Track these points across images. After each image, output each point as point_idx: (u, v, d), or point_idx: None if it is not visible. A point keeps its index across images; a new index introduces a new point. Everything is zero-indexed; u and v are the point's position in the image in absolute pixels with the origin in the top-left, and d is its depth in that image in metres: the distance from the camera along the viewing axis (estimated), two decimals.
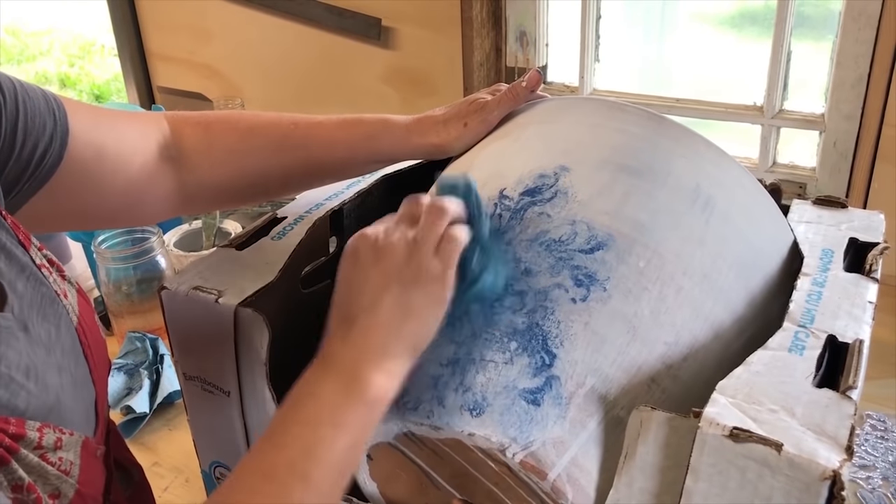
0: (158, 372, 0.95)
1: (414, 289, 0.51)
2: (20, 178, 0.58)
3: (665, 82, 1.45)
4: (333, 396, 0.49)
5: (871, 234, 0.69)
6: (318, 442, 0.47)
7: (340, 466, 0.48)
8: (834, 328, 0.56)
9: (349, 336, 0.51)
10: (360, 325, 0.51)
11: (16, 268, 0.52)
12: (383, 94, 1.51)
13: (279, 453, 0.47)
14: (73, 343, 0.54)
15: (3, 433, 0.44)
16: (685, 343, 0.56)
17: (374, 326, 0.51)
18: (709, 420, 0.47)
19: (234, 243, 0.70)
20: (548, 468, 0.52)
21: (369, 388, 0.49)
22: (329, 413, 0.48)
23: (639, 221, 0.59)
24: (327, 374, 0.50)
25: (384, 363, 0.50)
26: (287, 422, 0.49)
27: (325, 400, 0.49)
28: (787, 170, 1.27)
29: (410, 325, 0.51)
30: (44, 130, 0.58)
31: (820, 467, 0.44)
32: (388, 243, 0.52)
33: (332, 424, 0.48)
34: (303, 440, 0.47)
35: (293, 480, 0.46)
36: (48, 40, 4.56)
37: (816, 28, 1.24)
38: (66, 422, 0.49)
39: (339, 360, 0.50)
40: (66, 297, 0.56)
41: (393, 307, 0.51)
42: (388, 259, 0.52)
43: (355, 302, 0.52)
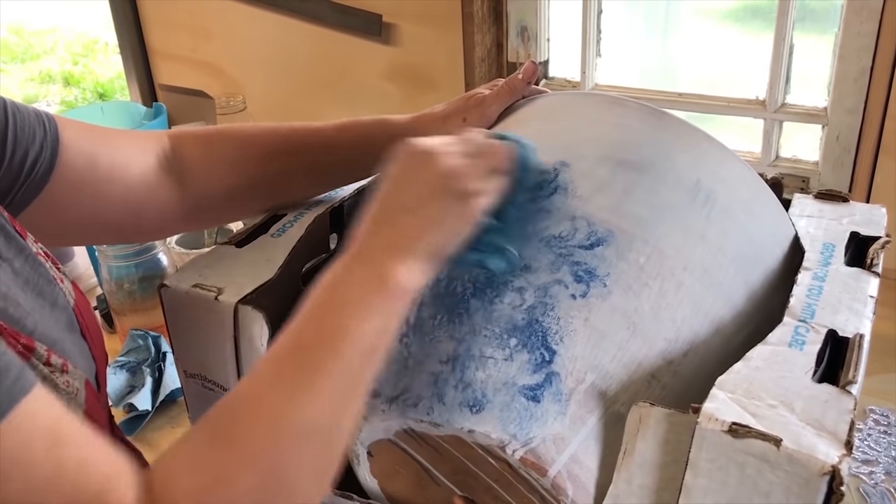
0: (161, 370, 0.95)
1: (453, 200, 0.53)
2: (13, 186, 0.59)
3: (668, 77, 1.45)
4: (362, 284, 0.51)
5: (872, 228, 0.68)
6: (348, 323, 0.49)
7: (370, 347, 0.50)
8: (834, 323, 0.56)
9: (381, 232, 0.53)
10: (392, 222, 0.53)
11: (14, 248, 0.54)
12: (385, 91, 1.51)
13: (312, 332, 0.49)
14: (70, 321, 0.56)
15: (15, 339, 0.46)
16: (685, 339, 0.56)
17: (407, 226, 0.52)
18: (707, 415, 0.47)
19: (234, 240, 0.71)
20: (548, 465, 0.52)
21: (392, 279, 0.51)
22: (358, 297, 0.50)
23: (639, 217, 0.59)
24: (358, 265, 0.52)
25: (409, 260, 0.52)
26: (317, 305, 0.51)
27: (354, 286, 0.51)
28: (790, 164, 1.26)
29: (441, 235, 0.53)
30: (34, 139, 0.60)
31: (819, 462, 0.44)
32: (439, 154, 0.53)
33: (363, 308, 0.50)
34: (333, 321, 0.49)
35: (325, 354, 0.48)
36: (52, 39, 4.57)
37: (819, 21, 1.24)
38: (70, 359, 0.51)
39: (369, 251, 0.52)
40: (62, 283, 0.57)
41: (428, 211, 0.52)
42: (436, 169, 0.53)
43: (394, 202, 0.53)
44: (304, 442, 0.46)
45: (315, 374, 0.47)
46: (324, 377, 0.47)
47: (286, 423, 0.46)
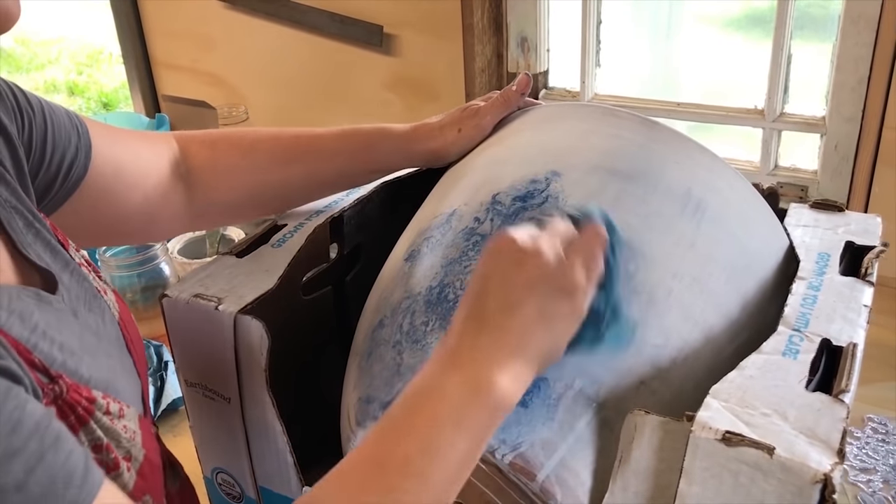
0: (163, 379, 0.96)
1: (559, 298, 0.49)
2: (49, 189, 0.60)
3: (668, 86, 1.45)
4: (459, 395, 0.46)
5: (867, 237, 0.69)
6: (438, 441, 0.45)
7: (458, 468, 0.46)
8: (829, 332, 0.56)
9: (481, 335, 0.48)
10: (495, 324, 0.48)
11: (60, 262, 0.54)
12: (386, 101, 1.52)
13: (396, 446, 0.45)
14: (118, 335, 0.56)
15: (78, 394, 0.45)
16: (674, 346, 0.57)
17: (510, 328, 0.48)
18: (701, 424, 0.47)
19: (235, 251, 0.71)
20: (536, 469, 0.53)
21: (496, 390, 0.46)
22: (453, 412, 0.46)
23: (629, 225, 0.59)
24: (454, 371, 0.47)
25: (514, 367, 0.48)
26: (407, 415, 0.46)
27: (450, 398, 0.46)
28: (789, 173, 1.27)
29: (548, 333, 0.49)
30: (69, 143, 0.61)
31: (811, 471, 0.45)
32: (537, 248, 0.49)
33: (455, 424, 0.45)
34: (423, 437, 0.45)
35: (409, 476, 0.44)
36: (57, 49, 4.60)
37: (817, 31, 1.24)
38: (123, 399, 0.51)
39: (469, 359, 0.47)
40: (106, 294, 0.58)
41: (534, 312, 0.48)
42: (536, 263, 0.49)
43: (493, 300, 0.49)
44: None
45: (395, 497, 0.43)
46: (406, 499, 0.44)
47: None
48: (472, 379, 0.47)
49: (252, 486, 0.70)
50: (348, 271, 0.82)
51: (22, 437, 0.37)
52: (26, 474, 0.36)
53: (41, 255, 0.52)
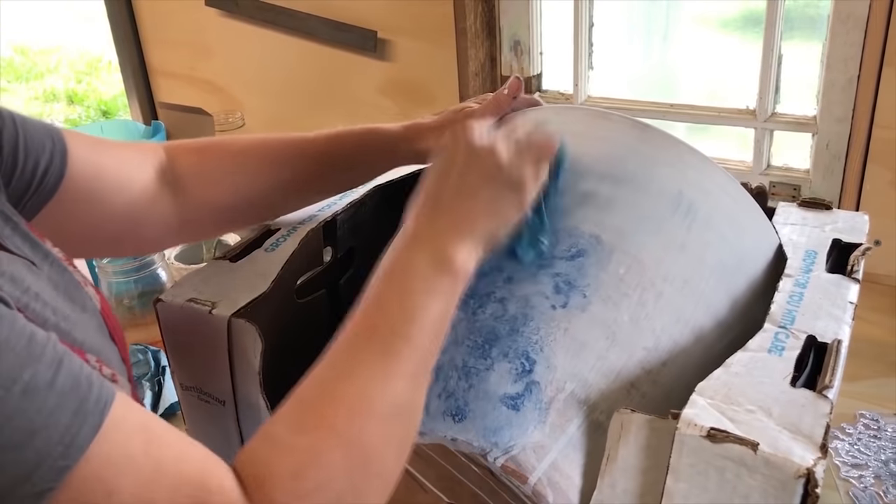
0: (160, 383, 0.97)
1: (507, 190, 0.56)
2: (25, 193, 0.61)
3: (660, 88, 1.46)
4: (424, 268, 0.52)
5: (854, 235, 0.70)
6: (414, 307, 0.51)
7: (435, 330, 0.52)
8: (814, 329, 0.57)
9: (439, 216, 0.55)
10: (451, 208, 0.55)
11: (40, 254, 0.55)
12: (381, 106, 1.52)
13: (379, 317, 0.51)
14: (100, 325, 0.57)
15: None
16: (665, 348, 0.57)
17: (463, 211, 0.55)
18: (687, 421, 0.48)
19: (229, 255, 0.72)
20: (528, 472, 0.54)
21: (455, 261, 0.53)
22: (423, 282, 0.52)
23: (620, 229, 0.60)
24: (418, 249, 0.54)
25: (467, 244, 0.54)
26: (382, 291, 0.52)
27: (417, 271, 0.52)
28: (782, 172, 1.27)
29: (495, 220, 0.56)
30: (43, 149, 0.62)
31: (794, 465, 0.45)
32: (493, 143, 0.56)
33: (426, 292, 0.52)
34: (400, 306, 0.51)
35: (396, 338, 0.50)
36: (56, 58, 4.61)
37: (806, 31, 1.25)
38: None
39: (428, 237, 0.54)
40: (86, 286, 0.59)
41: (484, 200, 0.55)
42: (491, 157, 0.56)
43: (450, 187, 0.56)
44: (388, 422, 0.48)
45: (390, 358, 0.49)
46: (398, 360, 0.49)
47: (370, 405, 0.48)
48: (433, 254, 0.53)
49: None
50: (342, 275, 0.83)
51: (39, 344, 0.40)
52: (53, 374, 0.39)
53: (20, 247, 0.53)
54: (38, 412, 0.38)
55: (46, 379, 0.39)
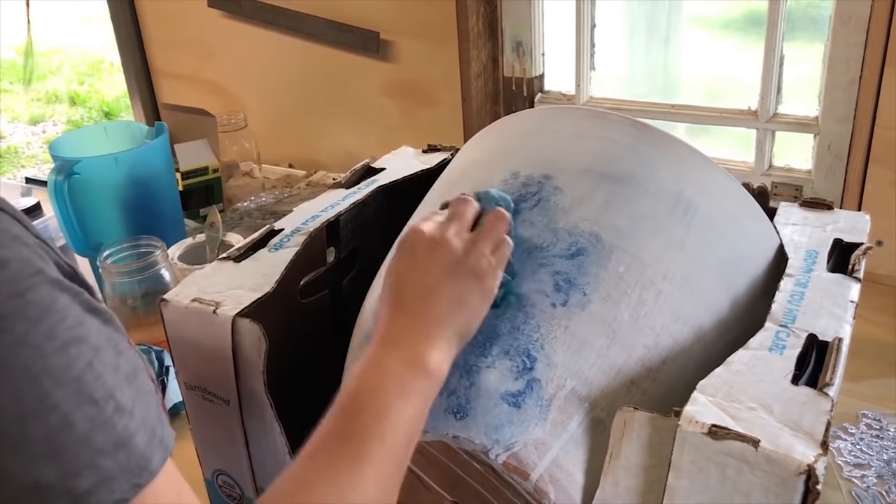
0: (164, 384, 0.97)
1: (470, 281, 0.56)
2: None
3: (661, 89, 1.46)
4: (398, 371, 0.52)
5: (855, 234, 0.70)
6: (388, 409, 0.51)
7: (409, 432, 0.51)
8: (815, 327, 0.57)
9: (408, 320, 0.55)
10: (418, 309, 0.55)
11: None
12: (383, 106, 1.53)
13: (353, 420, 0.50)
14: None
15: None
16: (665, 346, 0.58)
17: (432, 312, 0.55)
18: (688, 418, 0.48)
19: (232, 256, 0.72)
20: (530, 469, 0.54)
21: (429, 363, 0.53)
22: (396, 385, 0.52)
23: (619, 227, 0.60)
24: (391, 352, 0.54)
25: (439, 344, 0.54)
26: (356, 395, 0.52)
27: (391, 374, 0.52)
28: (784, 173, 1.27)
29: (463, 314, 0.56)
30: None
31: (795, 462, 0.45)
32: (446, 239, 0.57)
33: (400, 394, 0.51)
34: (374, 408, 0.51)
35: (370, 440, 0.49)
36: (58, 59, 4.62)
37: (808, 31, 1.25)
38: None
39: (401, 340, 0.54)
40: None
41: (450, 296, 0.55)
42: (446, 253, 0.56)
43: (413, 290, 0.56)
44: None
45: (364, 462, 0.48)
46: (370, 464, 0.48)
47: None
48: (407, 357, 0.53)
49: (252, 488, 0.71)
50: (345, 275, 0.83)
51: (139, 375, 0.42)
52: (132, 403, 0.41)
53: None
54: (125, 429, 0.40)
55: (129, 405, 0.41)
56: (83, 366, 0.39)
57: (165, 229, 1.14)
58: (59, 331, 0.39)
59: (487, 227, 0.59)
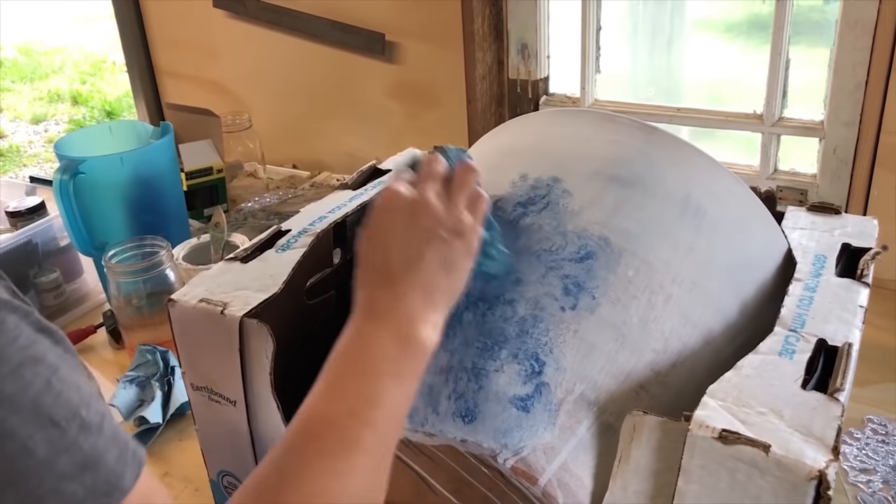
0: (170, 384, 0.97)
1: (453, 241, 0.54)
2: None
3: (667, 92, 1.46)
4: (390, 349, 0.50)
5: (864, 239, 0.70)
6: (379, 391, 0.49)
7: (399, 413, 0.50)
8: (824, 332, 0.57)
9: (395, 290, 0.52)
10: (406, 279, 0.52)
11: None
12: (388, 108, 1.53)
13: (340, 402, 0.48)
14: None
15: None
16: (674, 350, 0.58)
17: (419, 280, 0.52)
18: (698, 423, 0.48)
19: (240, 256, 0.72)
20: (538, 473, 0.54)
21: (421, 339, 0.51)
22: (388, 364, 0.50)
23: (628, 231, 0.60)
24: (379, 328, 0.51)
25: (430, 316, 0.52)
26: (343, 373, 0.50)
27: (382, 352, 0.50)
28: (789, 177, 1.27)
29: (451, 277, 0.54)
30: None
31: (806, 467, 0.45)
32: (425, 199, 0.54)
33: (392, 374, 0.49)
34: (364, 390, 0.49)
35: (358, 426, 0.47)
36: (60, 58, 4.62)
37: (814, 36, 1.25)
38: None
39: (391, 314, 0.51)
40: None
41: (435, 261, 0.53)
42: (426, 214, 0.53)
43: (396, 257, 0.53)
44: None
45: (353, 451, 0.46)
46: (361, 453, 0.46)
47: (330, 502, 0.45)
48: (398, 333, 0.50)
49: None
50: (351, 276, 0.83)
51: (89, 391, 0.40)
52: (101, 419, 0.40)
53: None
54: (92, 448, 0.38)
55: (97, 422, 0.39)
56: (40, 387, 0.38)
57: (170, 229, 1.14)
58: (10, 353, 0.37)
59: (459, 182, 0.56)
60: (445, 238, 0.53)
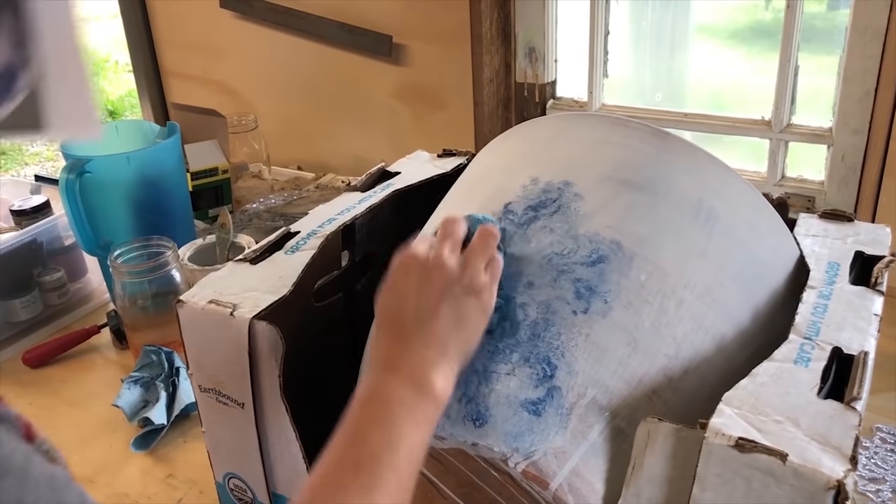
0: (175, 385, 0.96)
1: (466, 299, 0.56)
2: None
3: (674, 97, 1.46)
4: (407, 398, 0.52)
5: (877, 247, 0.69)
6: (399, 437, 0.51)
7: (417, 458, 0.52)
8: (839, 340, 0.56)
9: (410, 344, 0.55)
10: (420, 333, 0.55)
11: None
12: (394, 110, 1.53)
13: (363, 448, 0.50)
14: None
15: None
16: (686, 356, 0.57)
17: (433, 333, 0.55)
18: (715, 430, 0.48)
19: (249, 258, 0.72)
20: (549, 478, 0.53)
21: (435, 388, 0.53)
22: (406, 411, 0.52)
23: (640, 235, 0.60)
24: (397, 377, 0.53)
25: (443, 367, 0.54)
26: (364, 422, 0.52)
27: (399, 400, 0.52)
28: (796, 184, 1.27)
29: (463, 332, 0.56)
30: None
31: (824, 477, 0.45)
32: (441, 258, 0.56)
33: (410, 421, 0.52)
34: (385, 436, 0.51)
35: (382, 470, 0.49)
36: None
37: (824, 43, 1.25)
38: None
39: (406, 366, 0.54)
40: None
41: (449, 316, 0.55)
42: (441, 273, 0.56)
43: (411, 314, 0.55)
44: None
45: (377, 491, 0.48)
46: (382, 494, 0.48)
47: None
48: (413, 382, 0.53)
49: (265, 492, 0.71)
50: (359, 278, 0.83)
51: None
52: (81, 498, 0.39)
53: None
54: None
55: None
56: None
57: (176, 229, 1.14)
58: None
59: (478, 243, 0.58)
60: (459, 295, 0.55)
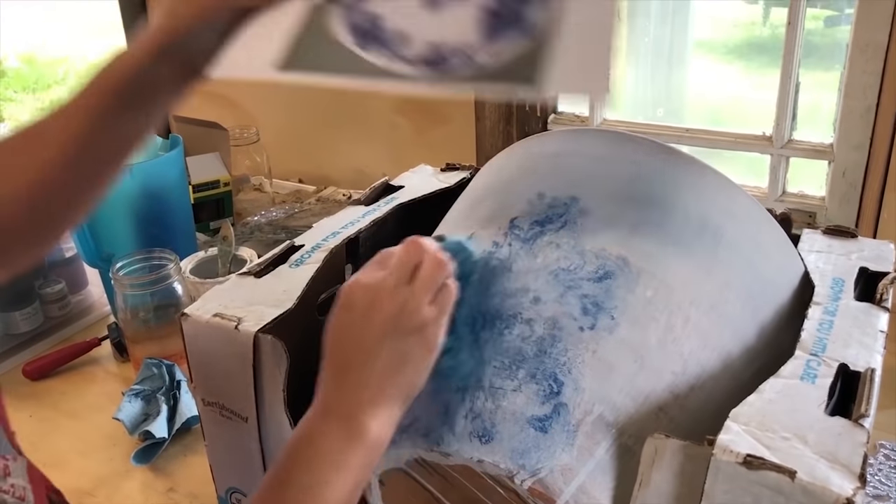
0: (176, 398, 0.96)
1: (409, 336, 0.53)
2: None
3: (674, 112, 1.47)
4: (334, 441, 0.51)
5: (881, 263, 0.69)
6: (321, 483, 0.50)
7: (342, 501, 0.50)
8: (845, 357, 0.56)
9: (346, 384, 0.53)
10: (356, 373, 0.53)
11: None
12: (396, 124, 1.53)
13: (287, 492, 0.50)
14: None
15: None
16: (693, 373, 0.57)
17: (370, 375, 0.53)
18: (723, 447, 0.48)
19: (253, 271, 0.72)
20: (556, 495, 0.53)
21: (368, 433, 0.51)
22: (331, 456, 0.51)
23: (647, 251, 0.60)
24: (329, 420, 0.52)
25: (379, 412, 0.52)
26: (290, 463, 0.51)
27: (327, 444, 0.51)
28: (797, 199, 1.27)
29: (406, 372, 0.53)
30: None
31: (833, 494, 0.45)
32: (384, 291, 0.54)
33: (334, 467, 0.50)
34: (307, 481, 0.50)
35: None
36: (63, 68, 4.63)
37: (825, 59, 1.26)
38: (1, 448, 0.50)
39: (337, 408, 0.52)
40: None
41: (389, 356, 0.53)
42: (384, 308, 0.53)
43: (351, 350, 0.54)
44: None
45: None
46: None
47: None
48: (345, 425, 0.51)
49: None
50: None
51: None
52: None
53: None
54: None
55: None
56: None
57: (177, 242, 1.14)
58: None
59: (424, 275, 0.54)
60: (401, 332, 0.53)
